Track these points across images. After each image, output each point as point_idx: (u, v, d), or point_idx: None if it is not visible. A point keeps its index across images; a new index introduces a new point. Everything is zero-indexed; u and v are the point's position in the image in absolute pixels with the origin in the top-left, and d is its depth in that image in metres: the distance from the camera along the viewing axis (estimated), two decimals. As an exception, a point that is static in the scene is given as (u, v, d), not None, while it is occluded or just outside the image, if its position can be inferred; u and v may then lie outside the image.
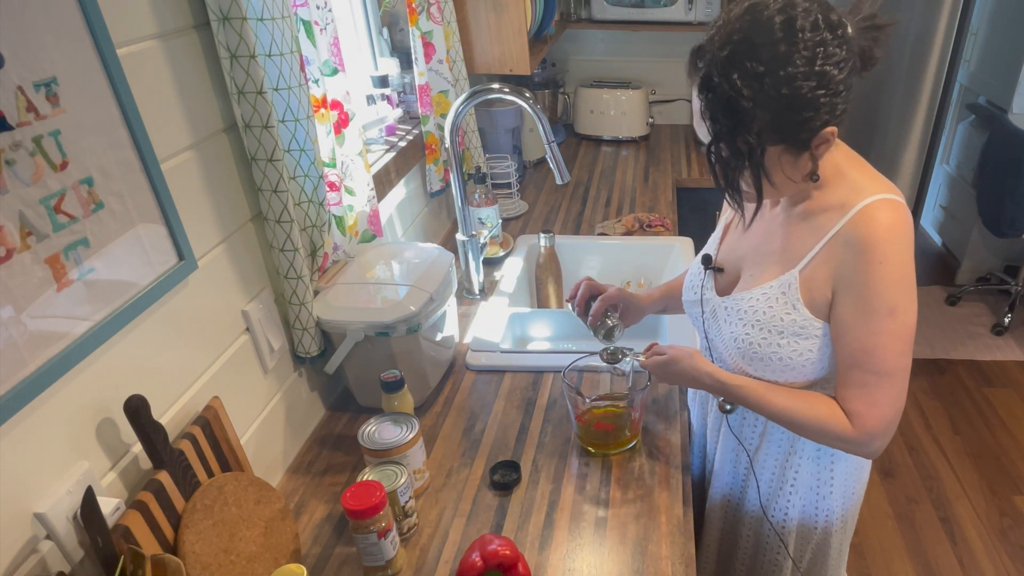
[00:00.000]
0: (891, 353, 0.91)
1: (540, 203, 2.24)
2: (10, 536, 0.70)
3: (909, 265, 0.90)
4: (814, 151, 0.89)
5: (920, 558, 2.25)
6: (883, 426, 0.94)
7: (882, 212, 0.89)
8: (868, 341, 0.91)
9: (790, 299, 0.97)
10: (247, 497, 0.94)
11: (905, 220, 0.90)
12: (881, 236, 0.88)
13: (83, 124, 0.74)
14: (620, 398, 1.15)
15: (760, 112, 0.83)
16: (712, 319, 1.09)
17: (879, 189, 0.91)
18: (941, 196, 3.87)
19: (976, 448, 2.66)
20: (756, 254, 1.05)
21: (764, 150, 0.87)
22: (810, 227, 0.96)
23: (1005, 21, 3.20)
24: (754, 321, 1.00)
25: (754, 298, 1.01)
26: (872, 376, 0.93)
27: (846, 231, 0.91)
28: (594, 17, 2.64)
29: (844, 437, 0.96)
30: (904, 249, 0.89)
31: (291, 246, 1.07)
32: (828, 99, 0.84)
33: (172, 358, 0.92)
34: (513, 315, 1.59)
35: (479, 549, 0.91)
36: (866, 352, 0.92)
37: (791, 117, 0.84)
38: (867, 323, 0.91)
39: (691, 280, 1.16)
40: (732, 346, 1.05)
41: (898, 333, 0.91)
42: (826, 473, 1.12)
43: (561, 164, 1.46)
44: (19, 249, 0.68)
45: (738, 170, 0.89)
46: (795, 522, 1.16)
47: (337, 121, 1.24)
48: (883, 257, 0.88)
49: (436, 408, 1.31)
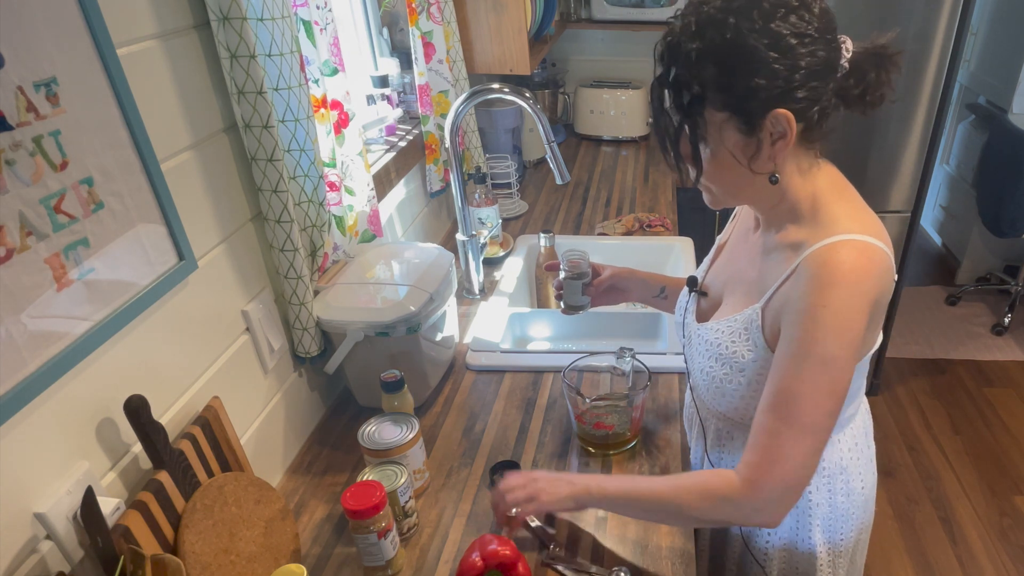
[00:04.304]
0: (813, 406, 0.82)
1: (540, 203, 2.24)
2: (10, 536, 0.70)
3: (856, 315, 0.81)
4: (768, 139, 0.82)
5: (920, 558, 2.25)
6: (780, 482, 0.83)
7: (841, 253, 0.81)
8: (791, 386, 0.82)
9: (752, 335, 0.91)
10: (247, 497, 0.94)
11: (866, 266, 0.81)
12: (830, 279, 0.80)
13: (83, 124, 0.74)
14: (620, 398, 1.15)
15: (706, 63, 0.78)
16: (689, 345, 1.05)
17: (852, 229, 0.83)
18: (941, 196, 3.87)
19: (976, 448, 2.66)
20: (735, 281, 1.00)
21: (703, 108, 0.81)
22: (778, 260, 0.90)
23: (1005, 21, 3.20)
24: (717, 354, 0.95)
25: (720, 330, 0.96)
26: (784, 426, 0.82)
27: (802, 267, 0.84)
28: (594, 17, 2.64)
29: (729, 498, 0.84)
30: (853, 296, 0.81)
31: (291, 246, 1.07)
32: (782, 69, 0.77)
33: (172, 358, 0.92)
34: (513, 315, 1.59)
35: (479, 549, 0.91)
36: (786, 397, 0.83)
37: (737, 77, 0.78)
38: (796, 366, 0.82)
39: (680, 301, 1.13)
40: (700, 377, 1.01)
41: (826, 386, 0.82)
42: (804, 517, 1.06)
43: (561, 164, 1.45)
44: (19, 249, 0.68)
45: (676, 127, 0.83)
46: (775, 555, 1.10)
47: (337, 121, 1.24)
48: (827, 302, 0.80)
49: (436, 408, 1.31)
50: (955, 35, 2.19)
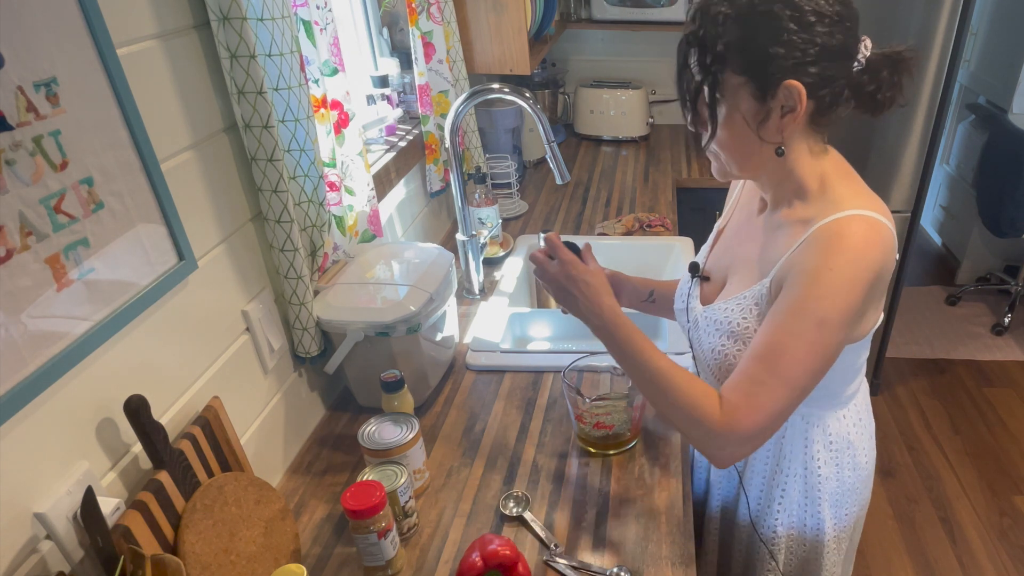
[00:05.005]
0: (799, 363, 0.85)
1: (540, 203, 2.24)
2: (10, 536, 0.70)
3: (858, 284, 0.84)
4: (778, 110, 0.86)
5: (920, 558, 2.25)
6: (751, 429, 0.86)
7: (852, 225, 0.85)
8: (783, 339, 0.85)
9: (762, 310, 0.93)
10: (247, 497, 0.94)
11: (875, 239, 0.85)
12: (838, 246, 0.84)
13: (83, 124, 0.74)
14: (620, 398, 1.15)
15: (731, 25, 0.83)
16: (694, 329, 1.07)
17: (862, 206, 0.87)
18: (941, 196, 3.87)
19: (976, 448, 2.66)
20: (738, 263, 1.02)
21: (724, 69, 0.85)
22: (784, 235, 0.93)
23: (1005, 21, 3.20)
24: (728, 332, 0.97)
25: (729, 308, 0.98)
26: (769, 375, 0.85)
27: (811, 237, 0.87)
28: (594, 17, 2.64)
29: (706, 422, 0.87)
30: (858, 265, 0.84)
31: (291, 246, 1.07)
32: (799, 41, 0.82)
33: (172, 358, 0.92)
34: (513, 315, 1.59)
35: (479, 549, 0.91)
36: (775, 349, 0.85)
37: (758, 42, 0.83)
38: (791, 321, 0.85)
39: (681, 288, 1.15)
40: (710, 357, 1.02)
41: (816, 346, 0.85)
42: (814, 492, 1.10)
43: (561, 164, 1.46)
44: (19, 249, 0.68)
45: (696, 85, 0.88)
46: (783, 537, 1.14)
47: (337, 121, 1.24)
48: (832, 265, 0.83)
49: (436, 408, 1.31)
50: (955, 35, 2.18)
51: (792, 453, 1.09)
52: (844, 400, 1.07)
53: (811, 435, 1.07)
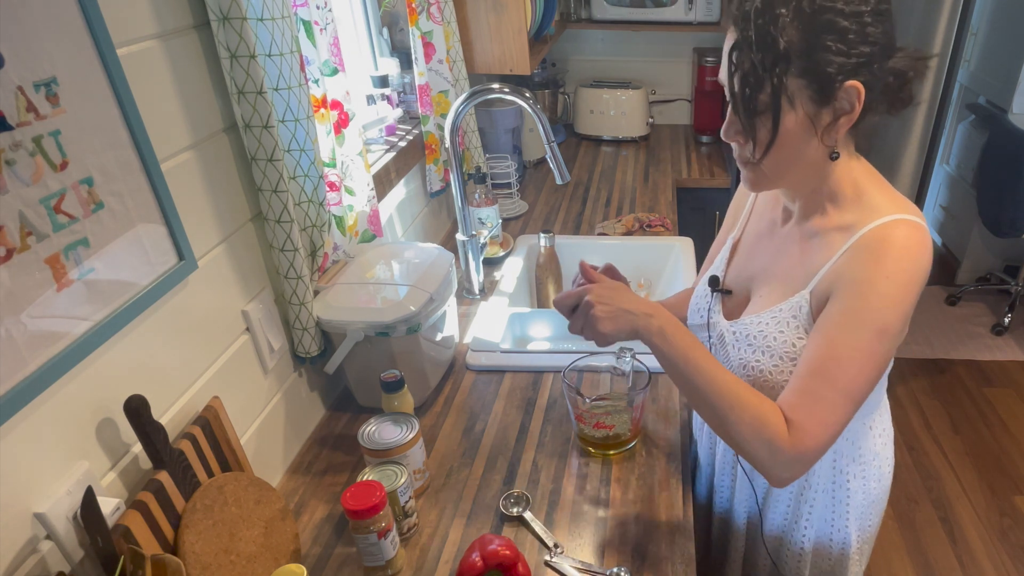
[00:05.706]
0: (860, 374, 0.83)
1: (540, 203, 2.24)
2: (10, 536, 0.70)
3: (913, 288, 0.83)
4: (833, 113, 0.83)
5: (920, 558, 2.25)
6: (817, 448, 0.83)
7: (900, 230, 0.84)
8: (840, 351, 0.83)
9: (801, 323, 0.91)
10: (247, 497, 0.94)
11: (922, 243, 0.84)
12: (891, 253, 0.83)
13: (83, 124, 0.74)
14: (620, 398, 1.15)
15: (791, 27, 0.79)
16: (720, 344, 1.04)
17: (900, 210, 0.86)
18: (941, 196, 3.87)
19: (976, 448, 2.66)
20: (766, 275, 0.99)
21: (785, 72, 0.81)
22: (822, 244, 0.90)
23: (1005, 21, 3.20)
24: (764, 347, 0.94)
25: (763, 322, 0.95)
26: (829, 389, 0.83)
27: (858, 243, 0.85)
28: (594, 17, 2.64)
29: (776, 444, 0.83)
30: (914, 271, 0.83)
31: (291, 246, 1.07)
32: (854, 38, 0.79)
33: (172, 358, 0.92)
34: (513, 315, 1.59)
35: (479, 549, 0.91)
36: (837, 363, 0.83)
37: (819, 40, 0.79)
38: (851, 334, 0.83)
39: (697, 303, 1.11)
40: (740, 373, 0.99)
41: (876, 356, 0.83)
42: (842, 507, 1.08)
43: (561, 164, 1.46)
44: (19, 249, 0.68)
45: (753, 88, 0.82)
46: (810, 553, 1.12)
47: (337, 121, 1.24)
48: (891, 273, 0.82)
49: (436, 408, 1.31)
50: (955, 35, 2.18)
51: (820, 469, 1.06)
52: (870, 407, 1.04)
53: (840, 448, 1.05)
